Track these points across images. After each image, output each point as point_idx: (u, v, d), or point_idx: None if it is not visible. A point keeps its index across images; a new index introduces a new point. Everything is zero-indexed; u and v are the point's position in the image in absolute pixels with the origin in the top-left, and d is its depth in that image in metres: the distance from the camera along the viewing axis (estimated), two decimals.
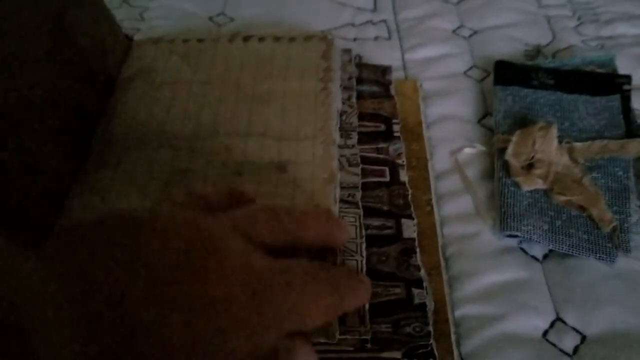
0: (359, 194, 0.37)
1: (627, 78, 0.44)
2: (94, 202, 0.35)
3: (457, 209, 0.38)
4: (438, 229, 0.37)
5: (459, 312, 0.33)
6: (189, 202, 0.28)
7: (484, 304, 0.33)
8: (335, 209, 0.34)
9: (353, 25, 0.54)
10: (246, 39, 0.46)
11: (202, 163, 0.37)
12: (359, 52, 0.50)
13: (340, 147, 0.39)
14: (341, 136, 0.40)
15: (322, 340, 0.28)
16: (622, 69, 0.46)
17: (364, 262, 0.33)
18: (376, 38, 0.53)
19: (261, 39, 0.46)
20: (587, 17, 0.55)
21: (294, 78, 0.42)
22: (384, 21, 0.55)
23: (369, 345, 0.29)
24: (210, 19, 0.55)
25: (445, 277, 0.34)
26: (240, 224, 0.25)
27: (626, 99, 0.43)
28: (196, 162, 0.37)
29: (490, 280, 0.34)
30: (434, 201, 0.38)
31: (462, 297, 0.33)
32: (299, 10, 0.56)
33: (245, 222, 0.26)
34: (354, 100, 0.43)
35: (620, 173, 0.38)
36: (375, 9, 0.56)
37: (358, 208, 0.36)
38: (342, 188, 0.36)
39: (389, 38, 0.53)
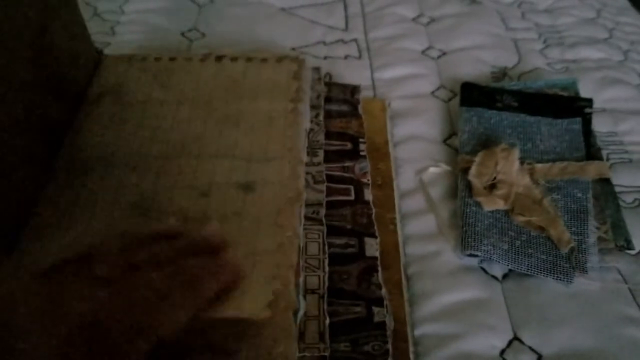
0: (323, 211, 0.37)
1: (589, 101, 0.45)
2: (56, 223, 0.35)
3: (420, 228, 0.39)
4: (401, 247, 0.37)
5: (418, 331, 0.33)
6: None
7: (443, 323, 0.33)
8: (300, 228, 0.35)
9: (324, 43, 0.55)
10: (219, 58, 0.46)
11: (169, 185, 0.37)
12: (330, 71, 0.51)
13: (306, 164, 0.39)
14: (308, 154, 0.40)
15: None
16: (585, 92, 0.47)
17: (326, 277, 0.33)
18: (346, 57, 0.53)
19: (233, 59, 0.46)
20: (552, 40, 0.56)
21: (264, 98, 0.42)
22: (355, 40, 0.55)
23: None
24: (182, 34, 0.55)
25: (406, 295, 0.34)
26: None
27: (587, 122, 0.44)
28: (163, 184, 0.37)
29: (450, 300, 0.35)
30: (397, 220, 0.38)
31: (422, 316, 0.34)
32: (271, 28, 0.56)
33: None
34: (321, 118, 0.43)
35: (580, 195, 0.39)
36: (346, 28, 0.57)
37: (322, 225, 0.36)
38: (307, 205, 0.37)
39: (360, 57, 0.53)
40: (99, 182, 0.37)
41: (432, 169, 0.42)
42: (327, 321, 0.31)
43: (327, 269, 0.34)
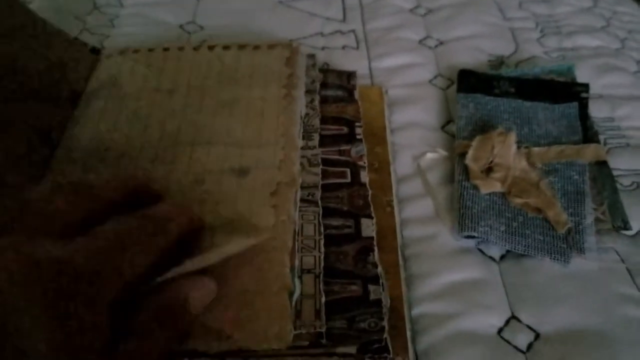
0: (318, 193, 0.37)
1: (585, 86, 0.45)
2: None
3: (417, 211, 0.39)
4: (398, 229, 0.37)
5: (416, 311, 0.33)
6: (73, 191, 0.28)
7: (440, 302, 0.34)
8: (296, 213, 0.35)
9: (322, 34, 0.55)
10: (211, 47, 0.47)
11: (164, 173, 0.37)
12: (328, 61, 0.51)
13: (302, 148, 0.39)
14: (303, 138, 0.40)
15: (276, 347, 0.29)
16: (582, 79, 0.48)
17: (322, 257, 0.33)
18: (344, 47, 0.53)
19: (226, 47, 0.46)
20: (549, 29, 0.57)
21: (257, 85, 0.43)
22: (353, 31, 0.56)
23: (324, 341, 0.30)
24: (181, 27, 0.56)
25: (403, 275, 0.34)
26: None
27: (584, 107, 0.44)
28: (157, 172, 0.37)
29: (448, 280, 0.35)
30: (395, 202, 0.39)
31: (419, 296, 0.34)
32: (269, 20, 0.57)
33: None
34: (316, 103, 0.43)
35: (577, 177, 0.39)
36: (344, 20, 0.57)
37: (317, 207, 0.36)
38: (302, 188, 0.37)
39: (357, 47, 0.54)
40: (94, 174, 0.37)
41: (429, 155, 0.43)
42: (323, 299, 0.31)
43: (322, 249, 0.34)
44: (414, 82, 0.50)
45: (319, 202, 0.37)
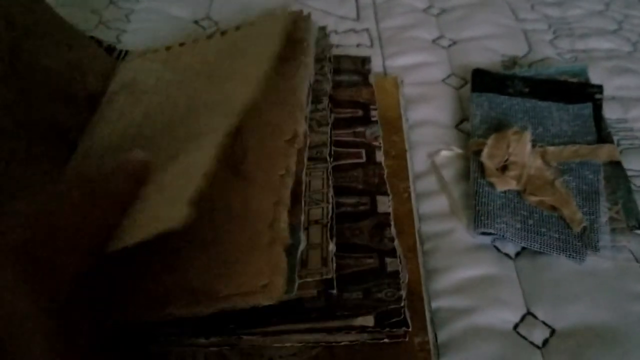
0: (326, 150, 0.37)
1: (599, 88, 0.46)
2: None
3: (433, 207, 0.39)
4: (415, 214, 0.37)
5: (433, 304, 0.34)
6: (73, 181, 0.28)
7: (457, 297, 0.34)
8: (302, 172, 0.34)
9: (336, 32, 0.55)
10: (223, 33, 0.46)
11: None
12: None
13: (311, 112, 0.39)
14: (312, 102, 0.40)
15: (265, 302, 0.27)
16: (594, 80, 0.48)
17: (330, 207, 0.33)
18: (358, 45, 0.54)
19: (237, 28, 0.46)
20: (562, 31, 0.57)
21: (265, 54, 0.42)
22: (367, 30, 0.56)
23: (334, 291, 0.29)
24: (196, 22, 0.56)
25: (421, 259, 0.35)
26: None
27: (598, 108, 0.44)
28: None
29: (465, 275, 0.35)
30: (411, 188, 0.39)
31: (436, 290, 0.34)
32: None
33: None
34: (326, 70, 0.43)
35: (591, 176, 0.40)
36: (358, 18, 0.58)
37: (325, 162, 0.36)
38: (311, 147, 0.36)
39: (371, 45, 0.54)
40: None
41: (444, 152, 0.43)
42: (331, 247, 0.30)
43: (331, 200, 0.33)
44: (428, 80, 0.50)
45: (327, 158, 0.36)
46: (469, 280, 0.35)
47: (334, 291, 0.29)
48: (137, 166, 0.29)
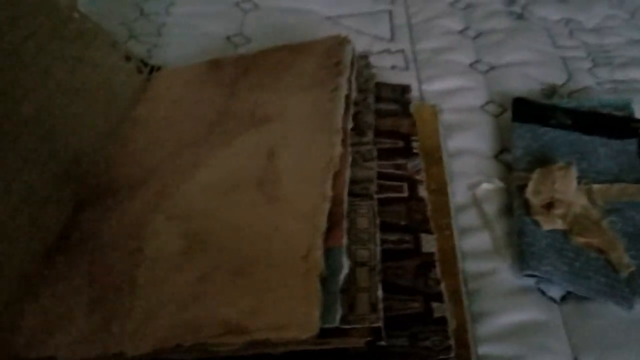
0: (373, 186, 0.36)
1: None
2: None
3: (475, 244, 0.38)
4: (458, 253, 0.36)
5: (480, 350, 0.32)
6: None
7: (502, 344, 0.33)
8: (344, 196, 0.33)
9: (370, 53, 0.54)
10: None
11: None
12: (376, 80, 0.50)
13: (355, 144, 0.38)
14: (357, 134, 0.39)
15: (300, 336, 0.26)
16: (637, 113, 0.46)
17: (378, 249, 0.32)
18: (393, 67, 0.53)
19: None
20: (601, 59, 0.56)
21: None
22: (402, 51, 0.55)
23: (383, 341, 0.28)
24: (228, 38, 0.55)
25: (465, 302, 0.34)
26: None
27: None
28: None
29: (509, 321, 0.34)
30: (453, 224, 0.38)
31: (481, 335, 0.33)
32: (315, 35, 0.55)
33: None
34: (369, 101, 0.42)
35: (638, 218, 0.38)
36: (392, 39, 0.57)
37: (372, 199, 0.35)
38: (356, 182, 0.36)
39: (407, 68, 0.53)
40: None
41: (485, 185, 0.42)
42: (380, 292, 0.29)
43: (378, 241, 0.32)
44: (465, 107, 0.49)
45: (373, 195, 0.35)
46: (514, 325, 0.34)
47: (383, 342, 0.28)
48: None
